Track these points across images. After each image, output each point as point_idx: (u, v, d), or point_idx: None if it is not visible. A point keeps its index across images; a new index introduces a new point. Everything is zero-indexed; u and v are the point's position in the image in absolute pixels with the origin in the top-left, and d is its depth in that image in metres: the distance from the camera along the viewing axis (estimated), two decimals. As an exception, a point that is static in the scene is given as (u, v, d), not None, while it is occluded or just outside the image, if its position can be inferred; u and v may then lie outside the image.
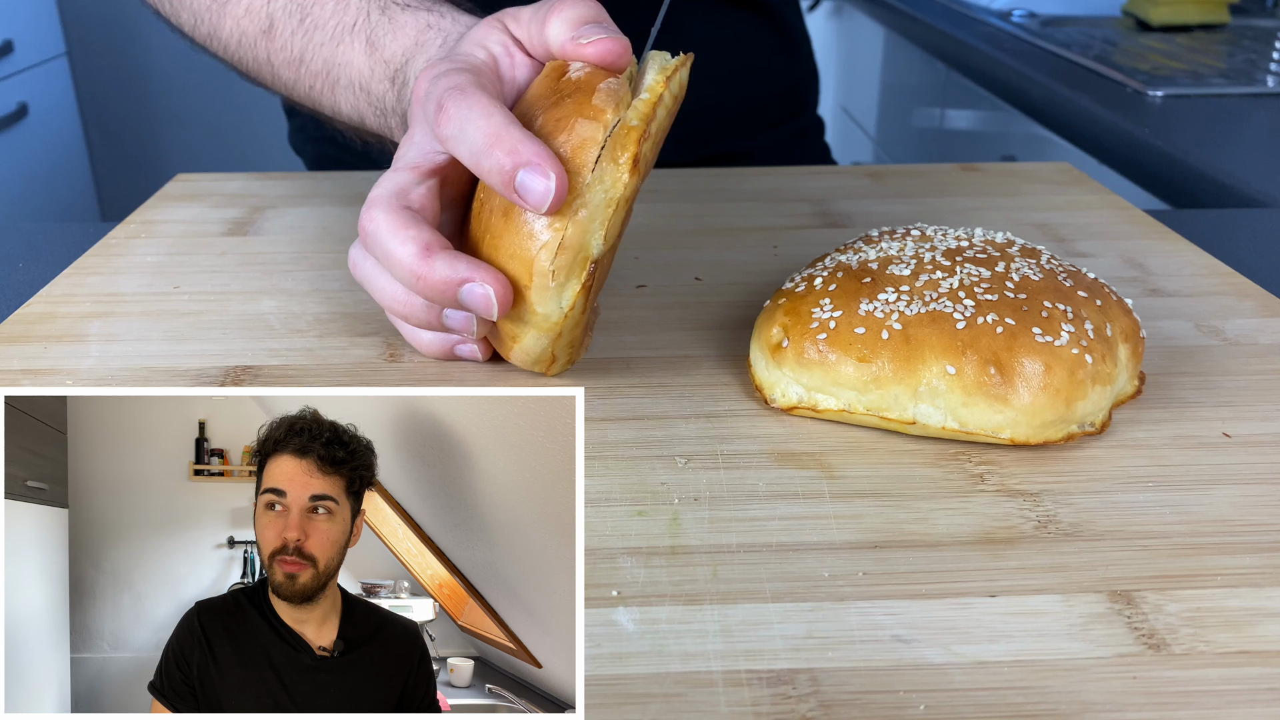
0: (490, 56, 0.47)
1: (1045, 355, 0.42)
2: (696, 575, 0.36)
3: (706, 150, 0.85)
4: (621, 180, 0.41)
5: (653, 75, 0.44)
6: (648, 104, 0.43)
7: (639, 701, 0.31)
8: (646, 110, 0.43)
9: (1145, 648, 0.33)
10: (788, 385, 0.45)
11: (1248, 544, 0.38)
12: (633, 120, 0.42)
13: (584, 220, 0.41)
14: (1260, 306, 0.56)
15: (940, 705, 0.31)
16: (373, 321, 0.54)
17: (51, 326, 0.53)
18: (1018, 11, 1.58)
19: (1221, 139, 0.99)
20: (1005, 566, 0.36)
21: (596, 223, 0.41)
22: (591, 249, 0.42)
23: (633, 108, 0.43)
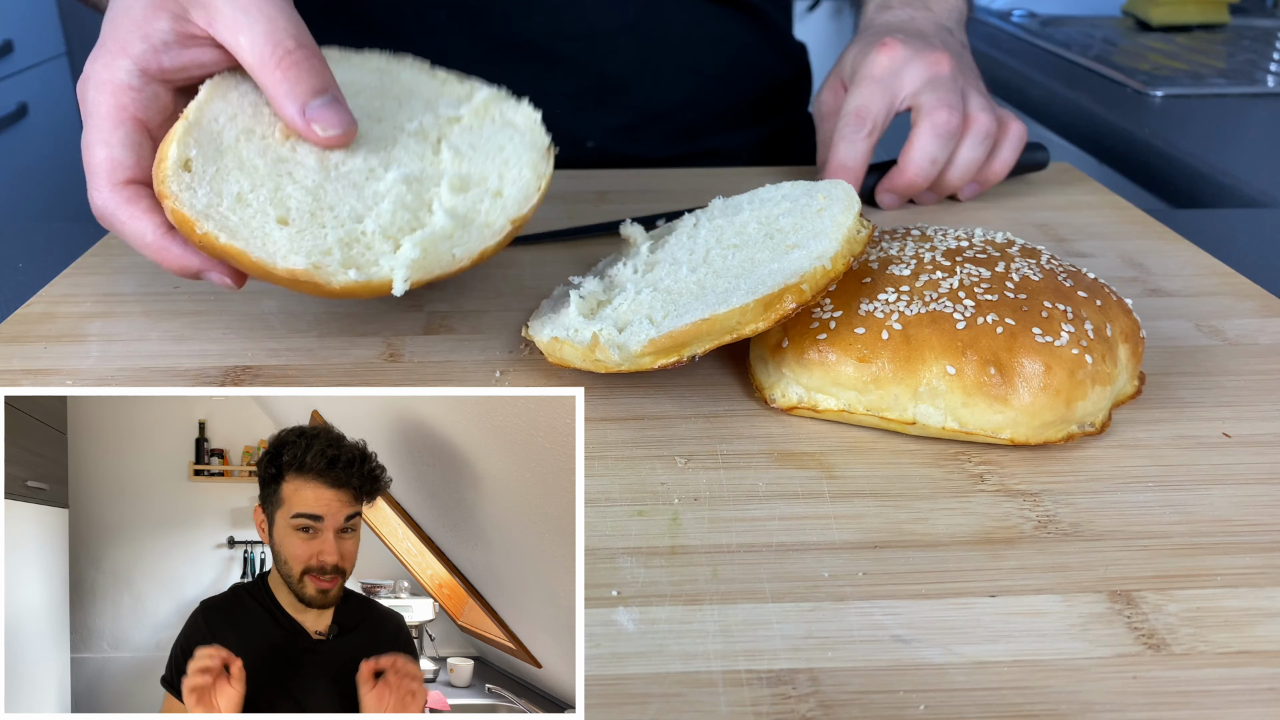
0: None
1: (1045, 355, 0.42)
2: (696, 575, 0.36)
3: (689, 147, 0.85)
4: (757, 326, 0.42)
5: (832, 244, 0.44)
6: (819, 280, 0.43)
7: (639, 701, 0.31)
8: (821, 285, 0.43)
9: (1145, 648, 0.33)
10: (788, 385, 0.45)
11: (1248, 544, 0.38)
12: (808, 291, 0.42)
13: (701, 330, 0.42)
14: (1260, 306, 0.56)
15: (940, 705, 0.31)
16: (373, 321, 0.54)
17: (51, 326, 0.53)
18: (1018, 11, 1.58)
19: (1221, 139, 0.99)
20: (1005, 566, 0.36)
21: (708, 340, 0.42)
22: (690, 350, 0.43)
23: (811, 275, 0.42)
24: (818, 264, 0.42)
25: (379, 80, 0.54)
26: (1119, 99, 1.11)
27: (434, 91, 0.55)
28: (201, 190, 0.45)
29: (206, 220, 0.44)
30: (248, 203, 0.45)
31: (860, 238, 0.45)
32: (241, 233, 0.44)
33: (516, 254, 0.62)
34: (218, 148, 0.46)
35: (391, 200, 0.48)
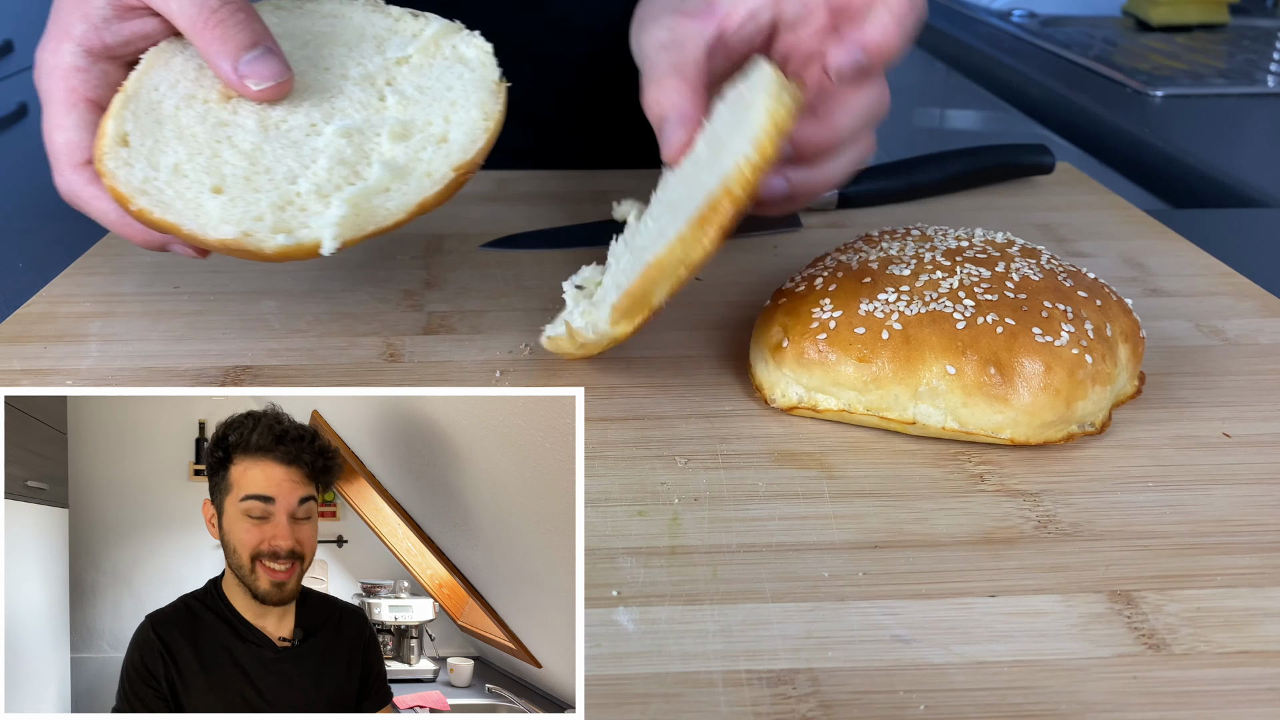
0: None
1: (1045, 355, 0.42)
2: (696, 575, 0.36)
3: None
4: (706, 248, 0.41)
5: (753, 130, 0.41)
6: (749, 181, 0.40)
7: (639, 701, 0.31)
8: (753, 182, 0.40)
9: (1145, 648, 0.33)
10: (788, 385, 0.45)
11: (1248, 544, 0.38)
12: (738, 190, 0.40)
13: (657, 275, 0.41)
14: (1260, 306, 0.56)
15: (940, 705, 0.31)
16: (373, 321, 0.54)
17: (51, 326, 0.53)
18: (1018, 11, 1.58)
19: (1221, 139, 0.99)
20: (1005, 566, 0.36)
21: (670, 278, 0.41)
22: (657, 298, 0.42)
23: (735, 176, 0.40)
24: (742, 161, 0.40)
25: (330, 27, 0.52)
26: (1119, 99, 1.11)
27: (387, 30, 0.52)
28: (138, 165, 0.45)
29: (141, 196, 0.44)
30: (184, 173, 0.45)
31: (786, 108, 0.42)
32: (175, 206, 0.44)
33: (517, 254, 0.62)
34: (157, 118, 0.46)
35: (328, 157, 0.46)
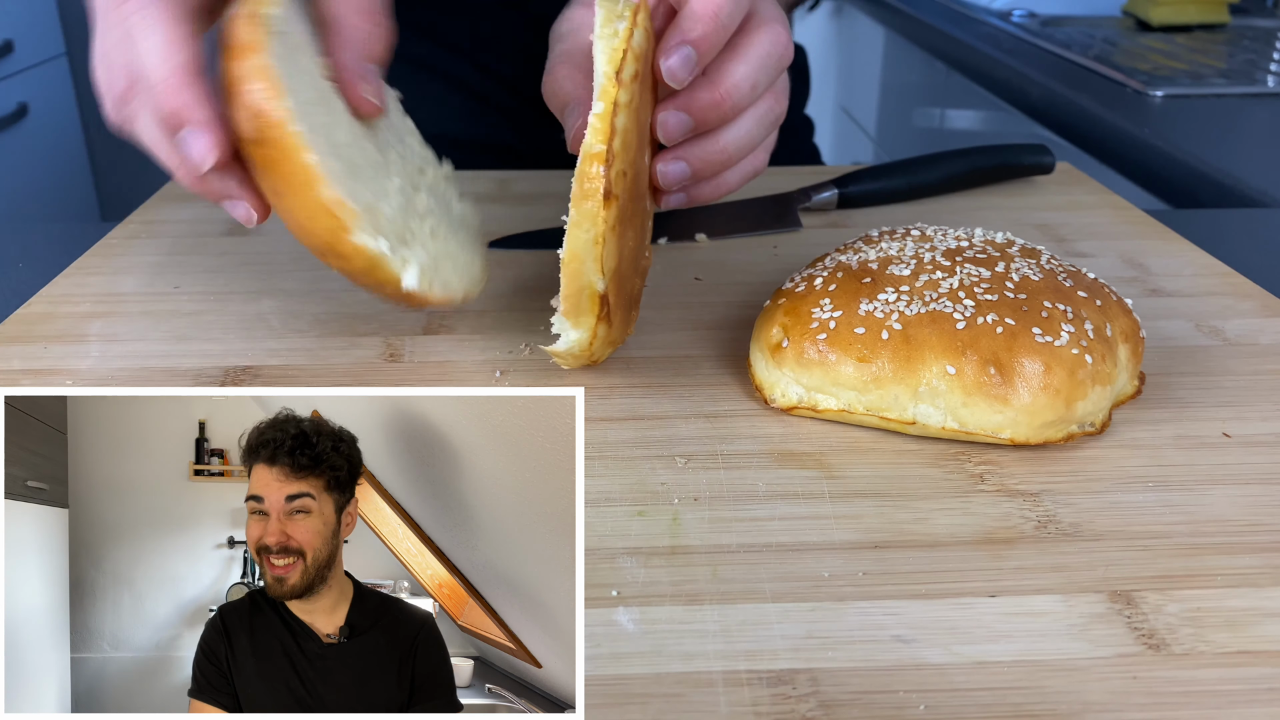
0: None
1: (1045, 355, 0.42)
2: (696, 575, 0.36)
3: None
4: (599, 216, 0.40)
5: (597, 81, 0.39)
6: (600, 131, 0.39)
7: (639, 701, 0.31)
8: (604, 132, 0.39)
9: (1145, 648, 0.33)
10: (788, 385, 0.45)
11: (1248, 544, 0.38)
12: (596, 146, 0.39)
13: (575, 266, 0.41)
14: (1260, 306, 0.56)
15: (940, 705, 0.31)
16: (373, 321, 0.54)
17: (51, 326, 0.53)
18: (1018, 11, 1.58)
19: (1221, 139, 0.99)
20: (1005, 566, 0.36)
21: (590, 261, 0.41)
22: (596, 285, 0.42)
23: (590, 135, 0.39)
24: (592, 118, 0.39)
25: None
26: (1119, 99, 1.11)
27: (406, 129, 0.52)
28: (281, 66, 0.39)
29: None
30: (311, 114, 0.40)
31: (621, 39, 0.39)
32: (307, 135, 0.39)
33: (517, 254, 0.62)
34: (287, 45, 0.41)
35: (397, 201, 0.45)
